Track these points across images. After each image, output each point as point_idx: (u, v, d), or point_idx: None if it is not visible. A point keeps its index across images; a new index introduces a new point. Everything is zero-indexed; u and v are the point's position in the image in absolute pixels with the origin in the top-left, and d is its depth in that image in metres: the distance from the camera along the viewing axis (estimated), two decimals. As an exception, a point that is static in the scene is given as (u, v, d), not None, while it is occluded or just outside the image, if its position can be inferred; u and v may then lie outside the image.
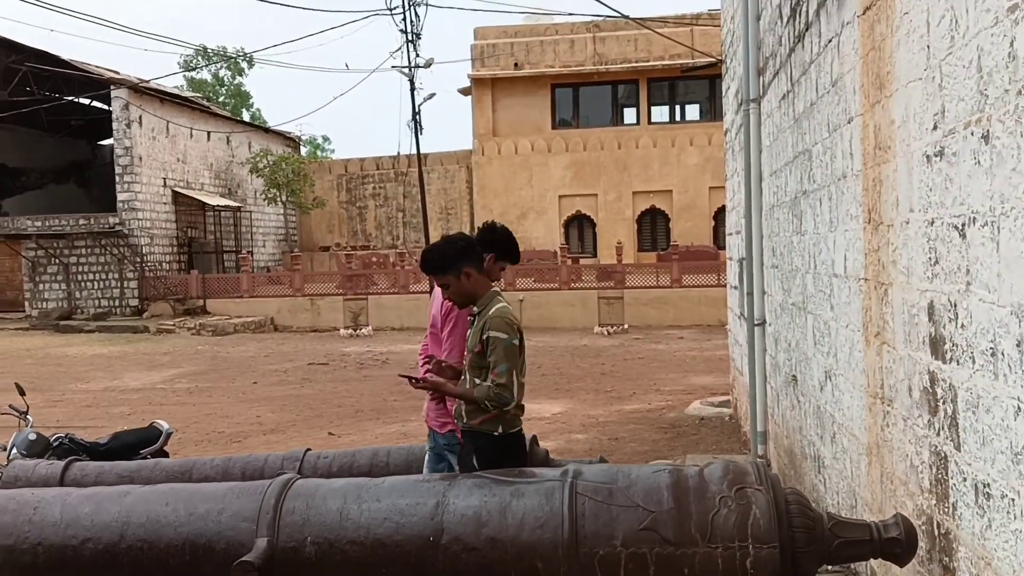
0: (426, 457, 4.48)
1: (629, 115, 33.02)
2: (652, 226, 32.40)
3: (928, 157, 2.69)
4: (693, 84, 31.61)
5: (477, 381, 3.81)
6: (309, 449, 4.64)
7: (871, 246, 3.39)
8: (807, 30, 4.55)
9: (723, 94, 10.65)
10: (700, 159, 30.96)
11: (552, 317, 24.19)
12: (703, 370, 14.77)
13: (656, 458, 8.18)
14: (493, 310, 3.84)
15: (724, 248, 17.65)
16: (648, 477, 2.92)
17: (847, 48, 3.69)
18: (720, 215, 29.78)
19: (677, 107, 33.03)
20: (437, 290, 4.39)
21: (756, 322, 6.53)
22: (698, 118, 32.58)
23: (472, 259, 3.92)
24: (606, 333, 22.08)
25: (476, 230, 4.62)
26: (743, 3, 6.37)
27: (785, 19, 5.24)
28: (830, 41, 4.02)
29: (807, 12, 4.54)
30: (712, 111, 31.06)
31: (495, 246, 4.41)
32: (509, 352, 3.71)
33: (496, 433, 3.81)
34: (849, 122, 3.70)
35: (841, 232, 3.93)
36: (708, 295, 22.79)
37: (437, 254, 3.98)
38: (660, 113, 32.85)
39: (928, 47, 2.66)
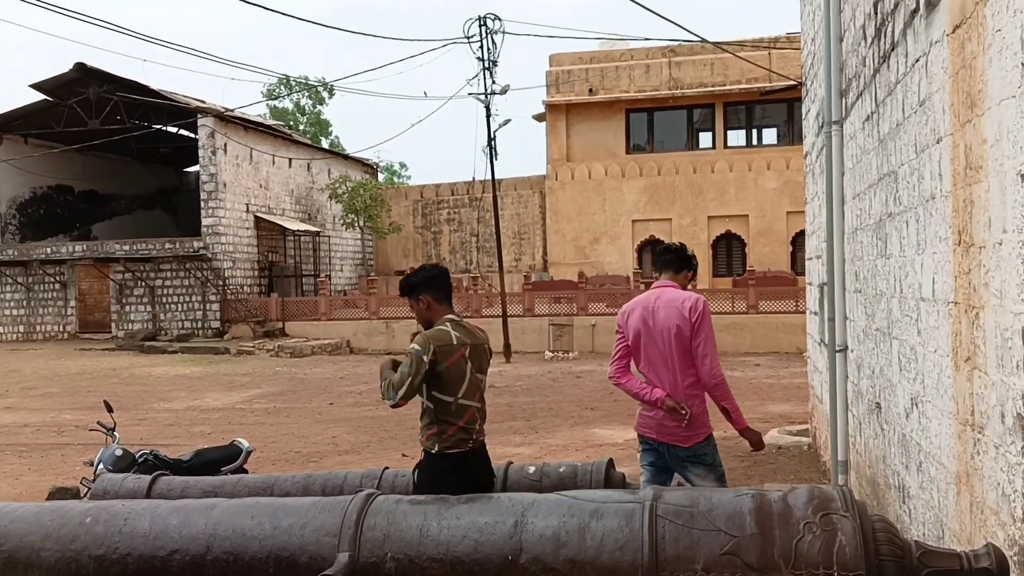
0: (644, 472, 4.71)
1: (705, 139, 32.78)
2: (728, 251, 32.01)
3: (1023, 176, 2.61)
4: (770, 108, 31.26)
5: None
6: (387, 468, 4.69)
7: (961, 268, 3.30)
8: (892, 50, 4.48)
9: (803, 117, 10.51)
10: (778, 183, 30.53)
11: (626, 342, 24.00)
12: (780, 398, 14.48)
13: (732, 487, 8.03)
14: (425, 331, 4.24)
15: (802, 273, 17.33)
16: (730, 501, 2.88)
17: (936, 67, 3.62)
18: (798, 240, 29.27)
19: (754, 131, 32.67)
20: (633, 312, 4.79)
21: (838, 348, 6.38)
22: (776, 142, 32.17)
23: (431, 289, 4.39)
24: (680, 359, 21.82)
25: (661, 250, 5.11)
26: (825, 25, 6.30)
27: (869, 40, 5.16)
28: (917, 61, 3.95)
29: (892, 32, 4.47)
30: (790, 135, 30.65)
31: (692, 263, 4.97)
32: (413, 360, 4.01)
33: (433, 451, 4.10)
34: (938, 142, 3.62)
35: (929, 255, 3.83)
36: (785, 321, 22.39)
37: (405, 280, 4.49)
38: (736, 137, 32.53)
39: (1022, 64, 2.59)
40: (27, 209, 33.70)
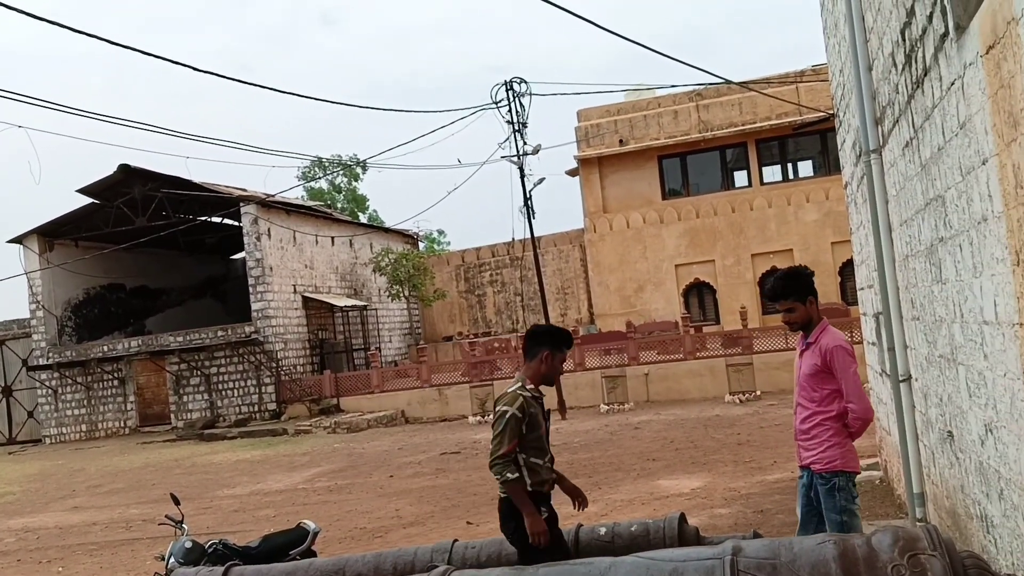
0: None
1: (740, 178, 32.72)
2: (775, 288, 31.64)
3: (1078, 191, 2.56)
4: (803, 140, 31.17)
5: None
6: (456, 540, 4.65)
7: (1023, 289, 3.22)
8: (925, 75, 4.45)
9: (839, 147, 10.45)
10: (819, 215, 30.30)
11: (680, 389, 23.78)
12: (846, 432, 14.15)
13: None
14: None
15: (854, 304, 17.04)
16: (813, 549, 2.80)
17: (973, 89, 3.59)
18: (846, 270, 28.90)
19: (789, 165, 32.55)
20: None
21: (901, 378, 6.24)
22: (812, 174, 32.00)
23: None
24: (738, 401, 21.50)
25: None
26: (852, 55, 6.29)
27: (900, 66, 5.14)
28: (952, 84, 3.92)
29: (923, 58, 4.45)
30: (826, 165, 30.49)
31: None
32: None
33: None
34: (984, 163, 3.57)
35: (987, 277, 3.76)
36: (842, 354, 21.99)
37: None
38: (772, 173, 32.40)
39: (1063, 79, 2.56)
40: (82, 310, 34.48)
